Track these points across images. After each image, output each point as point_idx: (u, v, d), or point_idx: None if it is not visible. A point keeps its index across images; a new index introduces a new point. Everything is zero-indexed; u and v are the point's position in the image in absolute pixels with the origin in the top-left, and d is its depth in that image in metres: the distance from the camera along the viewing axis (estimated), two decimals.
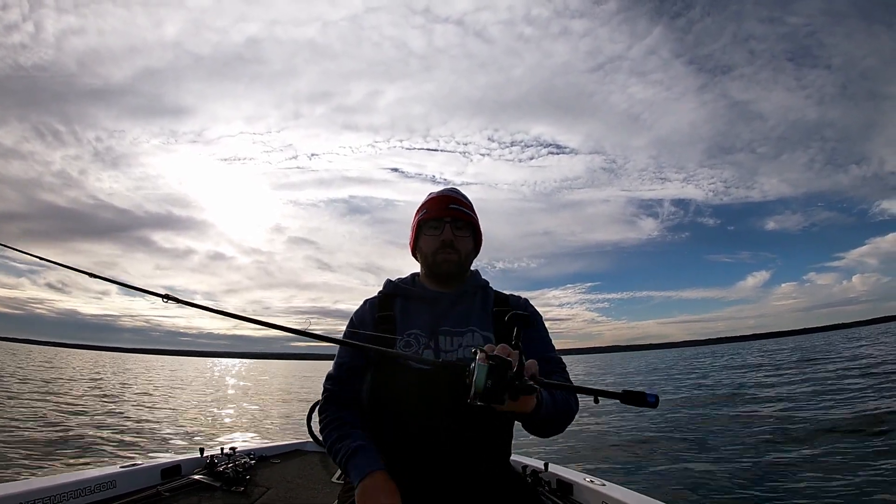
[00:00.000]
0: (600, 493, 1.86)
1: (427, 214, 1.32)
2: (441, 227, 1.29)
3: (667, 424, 7.96)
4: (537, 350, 1.25)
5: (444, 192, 1.37)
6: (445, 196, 1.35)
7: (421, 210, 1.36)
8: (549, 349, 1.30)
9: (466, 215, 1.33)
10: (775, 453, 5.42)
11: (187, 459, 2.20)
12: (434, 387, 1.14)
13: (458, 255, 1.29)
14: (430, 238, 1.30)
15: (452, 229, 1.29)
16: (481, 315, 1.28)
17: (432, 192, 1.42)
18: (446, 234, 1.28)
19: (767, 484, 4.36)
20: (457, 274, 1.31)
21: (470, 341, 1.21)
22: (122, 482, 1.82)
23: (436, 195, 1.37)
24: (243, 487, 2.05)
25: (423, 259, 1.33)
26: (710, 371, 23.12)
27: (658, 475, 4.82)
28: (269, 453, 2.68)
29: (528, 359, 1.22)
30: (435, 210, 1.31)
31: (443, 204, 1.32)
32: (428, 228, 1.32)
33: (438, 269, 1.29)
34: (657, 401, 0.73)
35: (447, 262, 1.28)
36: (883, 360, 16.52)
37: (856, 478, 4.25)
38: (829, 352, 26.55)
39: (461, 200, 1.35)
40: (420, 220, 1.34)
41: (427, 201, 1.36)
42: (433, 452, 1.11)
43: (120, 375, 25.06)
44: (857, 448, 5.24)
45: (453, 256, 1.28)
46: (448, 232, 1.29)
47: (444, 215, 1.30)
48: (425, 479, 1.11)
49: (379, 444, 1.17)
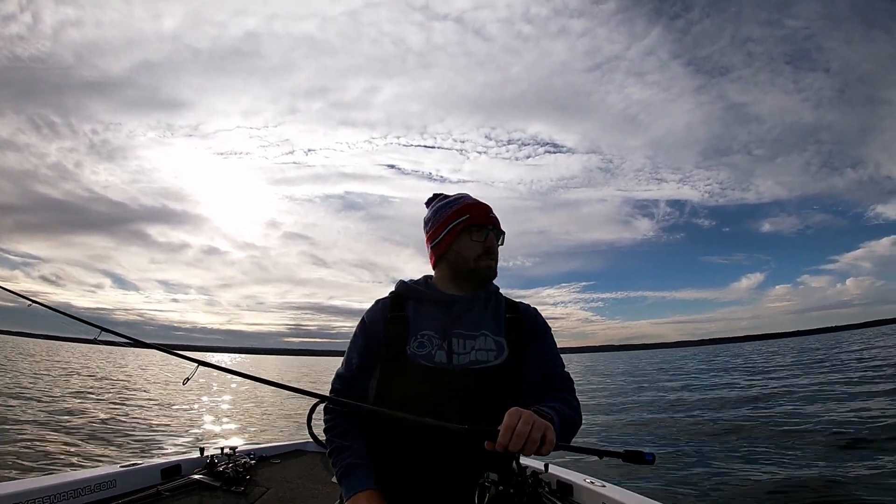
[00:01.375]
0: (600, 495, 1.86)
1: (472, 220, 1.33)
2: (485, 233, 1.32)
3: (666, 426, 7.98)
4: (545, 365, 1.27)
5: (478, 201, 1.41)
6: (483, 205, 1.39)
7: (461, 214, 1.36)
8: (558, 364, 1.31)
9: (500, 225, 1.38)
10: (775, 453, 5.42)
11: (187, 459, 2.20)
12: (442, 386, 1.15)
13: (496, 261, 1.33)
14: (475, 243, 1.32)
15: (494, 236, 1.33)
16: (494, 320, 1.29)
17: (460, 194, 1.44)
18: (490, 240, 1.32)
19: (768, 484, 4.36)
20: (492, 278, 1.35)
21: (482, 344, 1.22)
22: (122, 482, 1.82)
23: (473, 201, 1.39)
24: (243, 487, 2.05)
25: (461, 262, 1.33)
26: (702, 372, 23.19)
27: (658, 475, 4.82)
28: (270, 453, 2.68)
29: (534, 371, 1.24)
30: (480, 217, 1.34)
31: (486, 212, 1.35)
32: (473, 233, 1.33)
33: (482, 273, 1.32)
34: (654, 459, 0.82)
35: (489, 269, 1.31)
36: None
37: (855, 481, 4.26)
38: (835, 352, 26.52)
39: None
40: (465, 224, 1.34)
41: (466, 206, 1.37)
42: (439, 452, 1.11)
43: (116, 370, 25.01)
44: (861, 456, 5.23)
45: (493, 263, 1.32)
46: (492, 239, 1.32)
47: (487, 222, 1.33)
48: (430, 478, 1.11)
49: (384, 443, 1.18)
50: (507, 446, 0.88)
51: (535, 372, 1.25)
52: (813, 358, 24.35)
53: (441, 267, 1.37)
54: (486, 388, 1.16)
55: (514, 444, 0.88)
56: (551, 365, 1.28)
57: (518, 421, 0.90)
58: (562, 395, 1.22)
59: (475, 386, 1.16)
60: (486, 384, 1.17)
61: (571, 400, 1.22)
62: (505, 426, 0.90)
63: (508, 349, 1.23)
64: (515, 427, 0.89)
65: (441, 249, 1.36)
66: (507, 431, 0.89)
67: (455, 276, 1.33)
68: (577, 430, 1.18)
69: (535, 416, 0.93)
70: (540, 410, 1.02)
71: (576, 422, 1.18)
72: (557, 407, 1.11)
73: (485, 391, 1.16)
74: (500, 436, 0.89)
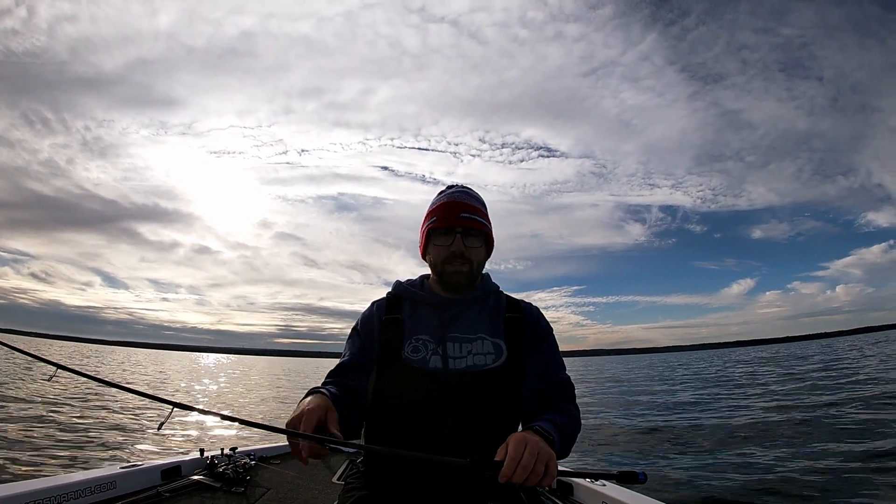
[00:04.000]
0: (600, 494, 1.86)
1: (436, 223, 1.23)
2: (452, 237, 1.21)
3: (665, 425, 8.00)
4: (545, 369, 1.23)
5: (454, 196, 1.27)
6: (456, 203, 1.24)
7: (430, 217, 1.27)
8: (558, 368, 1.25)
9: (479, 224, 1.24)
10: (775, 455, 5.43)
11: (187, 460, 2.20)
12: (437, 392, 1.13)
13: (470, 265, 1.23)
14: (440, 248, 1.23)
15: (463, 239, 1.21)
16: (492, 322, 1.25)
17: (443, 190, 1.33)
18: (457, 245, 1.20)
19: (767, 485, 4.37)
20: (467, 284, 1.26)
21: (479, 348, 1.19)
22: (122, 483, 1.82)
23: (445, 199, 1.26)
24: (243, 488, 2.05)
25: (433, 268, 1.27)
26: (697, 373, 23.30)
27: (658, 475, 4.83)
28: (270, 454, 2.68)
29: (534, 376, 1.20)
30: (445, 219, 1.22)
31: (454, 212, 1.22)
32: (437, 237, 1.24)
33: (448, 279, 1.23)
34: (646, 478, 0.86)
35: (458, 274, 1.22)
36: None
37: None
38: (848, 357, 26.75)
39: (473, 206, 1.26)
40: (429, 228, 1.25)
41: (436, 207, 1.26)
42: (439, 481, 1.09)
43: (110, 370, 24.90)
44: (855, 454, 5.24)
45: (464, 268, 1.22)
46: (458, 244, 1.21)
47: (454, 225, 1.22)
48: (428, 480, 1.10)
49: (383, 444, 1.16)
50: (509, 479, 0.85)
51: (535, 380, 1.21)
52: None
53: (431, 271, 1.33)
54: (483, 393, 1.14)
55: (518, 477, 0.85)
56: (552, 370, 1.24)
57: (523, 453, 0.87)
58: (563, 404, 1.19)
59: (471, 391, 1.13)
60: (483, 388, 1.14)
61: (572, 410, 1.20)
62: (510, 458, 0.86)
63: (507, 351, 1.20)
64: (520, 460, 0.86)
65: (421, 252, 1.32)
66: (512, 464, 0.85)
67: (438, 279, 1.29)
68: (575, 439, 1.16)
69: (540, 443, 0.90)
70: (543, 431, 0.99)
71: (576, 433, 1.16)
72: (559, 422, 1.08)
73: (481, 395, 1.13)
74: (504, 469, 0.86)
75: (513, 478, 0.85)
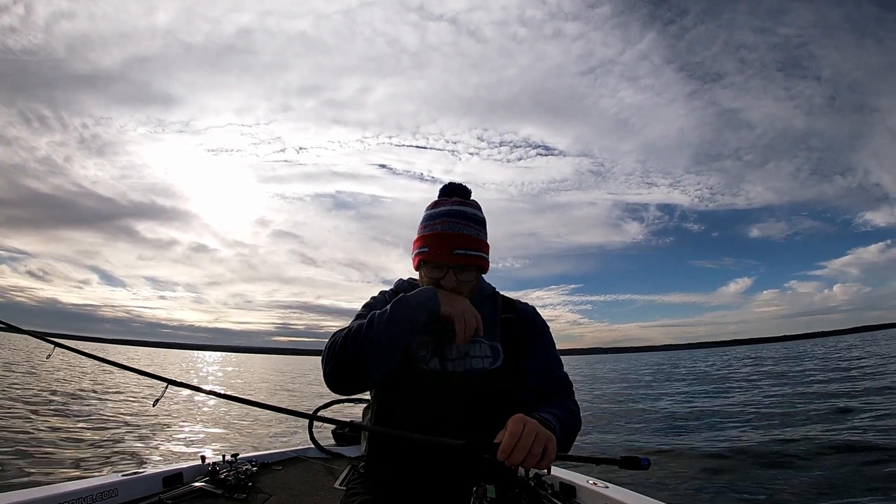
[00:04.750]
0: (603, 496, 1.86)
1: (428, 256, 1.19)
2: (444, 271, 1.18)
3: (667, 426, 7.97)
4: (542, 367, 1.24)
5: (449, 225, 1.18)
6: (450, 235, 1.17)
7: (421, 243, 1.21)
8: (555, 366, 1.26)
9: (473, 259, 1.19)
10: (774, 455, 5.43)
11: (189, 467, 2.19)
12: (438, 392, 1.14)
13: (461, 294, 1.21)
14: (432, 279, 1.20)
15: (456, 274, 1.18)
16: (488, 325, 1.25)
17: (438, 200, 1.27)
18: (448, 282, 1.17)
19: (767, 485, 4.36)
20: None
21: (477, 352, 1.19)
22: (123, 490, 1.81)
23: (440, 228, 1.18)
24: (245, 494, 2.04)
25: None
26: (692, 374, 23.30)
27: (659, 476, 4.81)
28: (271, 460, 2.66)
29: (532, 374, 1.21)
30: (437, 254, 1.17)
31: (447, 248, 1.16)
32: (429, 269, 1.21)
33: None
34: (649, 464, 0.85)
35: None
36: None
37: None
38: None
39: (468, 237, 1.18)
40: (420, 258, 1.22)
41: (429, 235, 1.19)
42: (440, 453, 1.10)
43: (108, 367, 24.78)
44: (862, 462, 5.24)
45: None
46: (450, 280, 1.17)
47: (447, 261, 1.17)
48: (431, 479, 1.11)
49: (385, 442, 1.18)
50: (507, 458, 0.86)
51: (532, 378, 1.22)
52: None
53: None
54: (482, 394, 1.15)
55: (515, 458, 0.85)
56: (549, 367, 1.25)
57: (521, 433, 0.87)
58: (562, 399, 1.20)
59: (471, 392, 1.14)
60: (482, 390, 1.15)
61: (571, 405, 1.20)
62: (508, 436, 0.87)
63: (504, 353, 1.21)
64: (518, 440, 0.86)
65: (414, 266, 1.30)
66: (509, 445, 0.86)
67: None
68: (576, 436, 1.16)
69: (538, 426, 0.91)
70: (543, 419, 0.99)
71: (576, 428, 1.16)
72: (559, 414, 1.09)
73: (480, 397, 1.14)
74: (501, 449, 0.86)
75: (511, 458, 0.85)
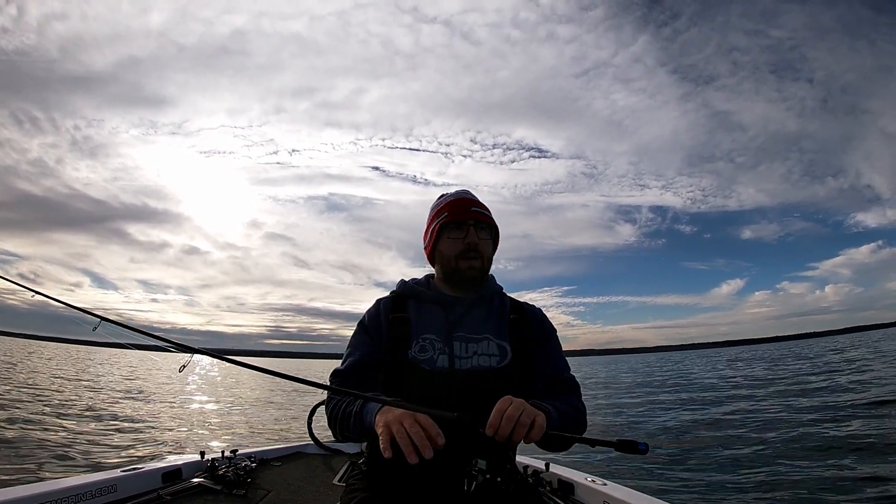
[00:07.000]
0: (602, 493, 1.86)
1: (449, 217, 1.27)
2: (465, 230, 1.25)
3: (666, 425, 7.99)
4: (550, 369, 1.25)
5: (461, 195, 1.33)
6: (465, 199, 1.30)
7: (440, 213, 1.30)
8: (563, 368, 1.28)
9: (488, 217, 1.29)
10: (774, 455, 5.43)
11: (188, 463, 2.19)
12: (444, 392, 1.14)
13: (482, 259, 1.26)
14: (454, 241, 1.26)
15: (476, 232, 1.26)
16: (497, 323, 1.26)
17: (444, 194, 1.37)
18: (471, 237, 1.24)
19: (767, 485, 4.37)
20: (479, 279, 1.28)
21: (485, 349, 1.20)
22: (122, 486, 1.81)
23: (453, 198, 1.32)
24: (245, 490, 2.04)
25: (445, 264, 1.29)
26: (690, 374, 23.38)
27: (659, 474, 4.83)
28: (271, 456, 2.67)
29: (540, 377, 1.22)
30: (457, 213, 1.27)
31: (464, 207, 1.28)
32: (451, 231, 1.27)
33: (462, 275, 1.25)
34: (647, 449, 0.83)
35: (471, 269, 1.25)
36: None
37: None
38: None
39: (480, 202, 1.32)
40: (442, 223, 1.29)
41: (445, 204, 1.31)
42: (442, 454, 1.11)
43: (102, 371, 24.85)
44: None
45: (477, 262, 1.25)
46: (473, 235, 1.25)
47: (467, 218, 1.26)
48: (433, 479, 1.10)
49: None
50: (496, 430, 0.90)
51: (540, 380, 1.23)
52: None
53: (436, 269, 1.35)
54: (489, 393, 1.12)
55: (504, 427, 0.90)
56: (557, 370, 1.26)
57: (509, 405, 0.93)
58: (568, 398, 1.20)
59: (477, 391, 1.14)
60: (489, 389, 1.14)
61: (575, 401, 1.21)
62: (495, 410, 0.92)
63: (512, 353, 1.21)
64: (505, 411, 0.91)
65: (429, 251, 1.34)
66: (497, 414, 0.91)
67: (450, 278, 1.30)
68: (579, 431, 1.16)
69: (525, 403, 0.96)
70: (537, 403, 1.03)
71: (578, 421, 1.16)
72: (559, 406, 1.11)
73: (487, 396, 1.12)
74: (490, 419, 0.91)
75: (499, 429, 0.90)
